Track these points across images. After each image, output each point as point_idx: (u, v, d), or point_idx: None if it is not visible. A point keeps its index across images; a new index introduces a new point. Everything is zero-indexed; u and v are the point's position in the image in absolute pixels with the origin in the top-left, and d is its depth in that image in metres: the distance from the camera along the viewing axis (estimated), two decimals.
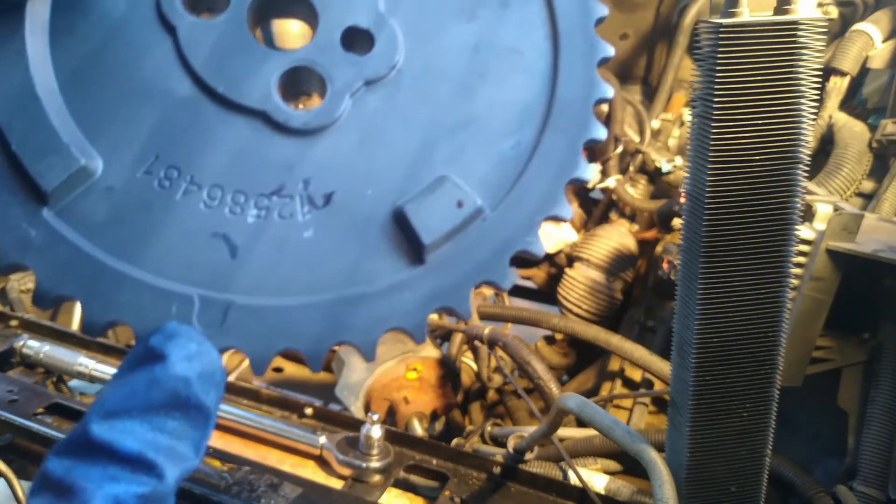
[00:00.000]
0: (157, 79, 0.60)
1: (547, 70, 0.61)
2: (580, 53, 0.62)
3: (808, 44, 0.79)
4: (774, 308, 0.91)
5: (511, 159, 0.61)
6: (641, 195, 2.53)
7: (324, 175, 0.61)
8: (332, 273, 0.61)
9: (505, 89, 0.61)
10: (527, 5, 0.61)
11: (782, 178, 0.83)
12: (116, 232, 0.60)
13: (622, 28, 2.95)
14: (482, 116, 0.61)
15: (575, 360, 2.34)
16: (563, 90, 0.61)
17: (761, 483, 1.02)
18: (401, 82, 0.61)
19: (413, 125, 0.61)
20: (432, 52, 0.61)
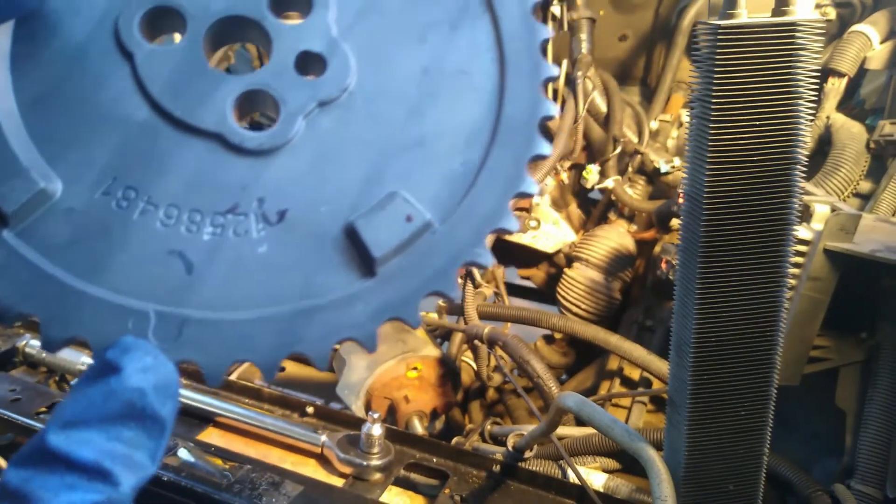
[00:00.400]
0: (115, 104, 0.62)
1: (494, 90, 0.63)
2: (525, 73, 0.63)
3: (806, 45, 0.80)
4: (772, 308, 0.91)
5: (460, 176, 0.63)
6: (640, 196, 2.54)
7: (278, 193, 0.63)
8: (285, 287, 0.63)
9: (453, 109, 0.63)
10: (475, 29, 0.64)
11: (780, 178, 0.84)
12: (75, 251, 0.62)
13: (621, 29, 2.95)
14: (432, 136, 0.63)
15: (574, 359, 2.35)
16: (510, 109, 0.63)
17: (759, 481, 1.02)
18: (353, 104, 0.63)
19: (365, 145, 0.63)
20: (384, 75, 0.63)
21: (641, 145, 2.53)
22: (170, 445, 1.27)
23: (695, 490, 1.02)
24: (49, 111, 0.63)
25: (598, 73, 2.62)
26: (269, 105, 0.64)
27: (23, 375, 1.58)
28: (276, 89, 0.62)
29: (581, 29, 2.56)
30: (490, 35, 0.64)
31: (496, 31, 0.64)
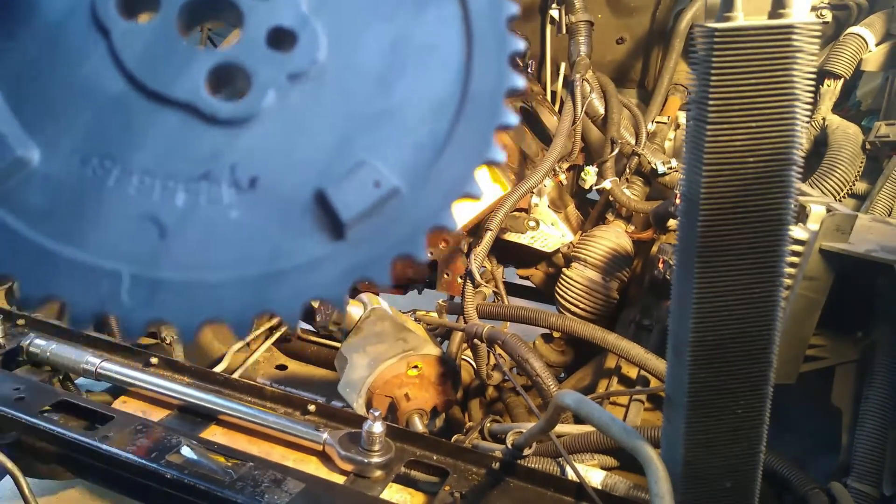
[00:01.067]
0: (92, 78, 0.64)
1: (460, 64, 0.65)
2: (492, 48, 0.65)
3: (802, 47, 0.80)
4: (768, 307, 0.92)
5: (427, 145, 0.65)
6: (637, 196, 2.54)
7: (249, 161, 0.65)
8: (256, 250, 0.65)
9: (421, 82, 0.65)
10: (442, 6, 0.65)
11: (776, 179, 0.84)
12: (51, 216, 0.64)
13: (619, 32, 2.96)
14: (399, 108, 0.65)
15: (572, 357, 2.36)
16: (476, 81, 0.65)
17: (756, 479, 1.03)
18: (322, 78, 0.65)
19: (334, 117, 0.65)
20: (352, 50, 0.65)
21: (639, 147, 2.54)
22: (173, 443, 1.29)
23: (692, 487, 1.02)
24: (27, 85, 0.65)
25: (595, 75, 2.63)
26: (241, 78, 0.66)
27: (27, 374, 1.59)
28: (247, 62, 0.64)
29: (579, 32, 2.58)
30: (457, 11, 0.65)
31: (463, 7, 0.65)
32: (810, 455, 1.54)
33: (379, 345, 1.85)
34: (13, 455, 1.26)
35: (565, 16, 2.60)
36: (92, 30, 0.64)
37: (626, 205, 2.46)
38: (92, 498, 2.56)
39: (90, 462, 1.30)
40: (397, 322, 1.92)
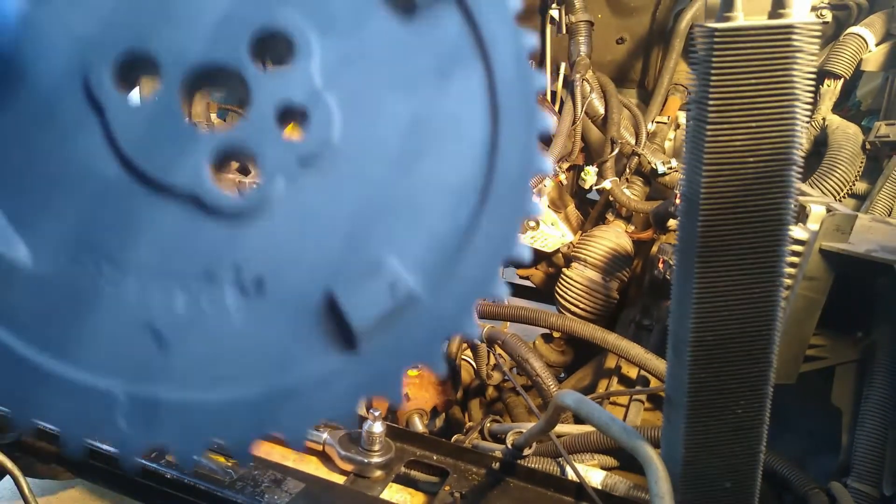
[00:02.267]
0: (85, 161, 0.57)
1: (485, 144, 0.58)
2: (519, 125, 0.58)
3: (802, 47, 0.80)
4: (768, 307, 0.92)
5: (447, 238, 0.58)
6: (637, 196, 2.54)
7: (255, 260, 0.58)
8: (261, 363, 0.58)
9: (443, 165, 0.58)
10: (467, 77, 0.58)
11: (776, 179, 0.84)
12: (42, 324, 0.57)
13: (619, 32, 2.96)
14: (419, 195, 0.58)
15: (572, 357, 2.36)
16: (502, 165, 0.58)
17: (756, 479, 1.03)
18: (336, 161, 0.57)
19: (347, 206, 0.58)
20: (369, 128, 0.58)
21: (639, 147, 2.54)
22: None
23: (692, 487, 1.02)
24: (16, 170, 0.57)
25: (595, 75, 2.63)
26: (247, 161, 0.58)
27: None
28: (254, 146, 0.57)
29: (579, 32, 2.58)
30: (482, 83, 0.58)
31: (489, 78, 0.58)
32: (810, 455, 1.54)
33: None
34: (13, 455, 1.26)
35: (565, 16, 2.60)
36: (85, 105, 0.57)
37: (626, 205, 2.46)
38: (92, 498, 2.56)
39: (90, 462, 1.30)
40: None
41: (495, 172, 0.57)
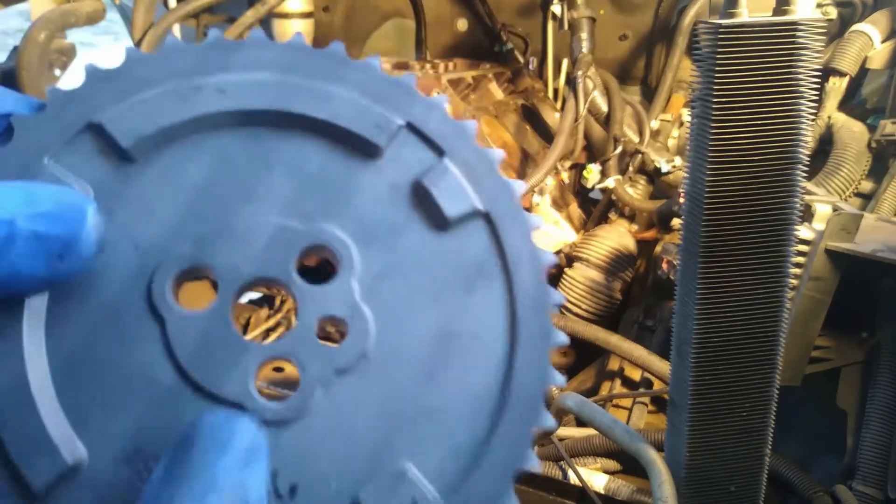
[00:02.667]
0: (144, 369, 0.60)
1: (504, 357, 0.60)
2: (536, 340, 0.60)
3: (807, 44, 0.80)
4: (773, 308, 0.91)
5: (465, 450, 0.59)
6: (641, 195, 2.54)
7: (291, 466, 0.60)
8: None
9: (465, 377, 0.60)
10: (489, 292, 0.60)
11: (781, 178, 0.84)
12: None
13: (622, 29, 2.96)
14: (442, 405, 0.60)
15: (574, 359, 2.35)
16: (518, 377, 0.60)
17: (760, 482, 1.02)
18: (368, 370, 0.60)
19: (376, 414, 0.60)
20: (399, 339, 0.60)
21: (642, 145, 2.53)
22: None
23: (696, 491, 1.02)
24: (80, 375, 0.60)
25: (598, 72, 2.62)
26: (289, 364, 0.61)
27: None
28: (298, 357, 0.60)
29: (581, 28, 2.56)
30: (503, 298, 0.60)
31: (509, 293, 0.60)
32: (815, 458, 1.53)
33: None
34: None
35: (567, 12, 2.59)
36: (146, 315, 0.60)
37: (630, 204, 2.45)
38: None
39: None
40: None
41: (511, 385, 0.59)
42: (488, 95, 2.73)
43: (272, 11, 2.84)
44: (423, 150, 0.59)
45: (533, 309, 0.60)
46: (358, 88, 0.58)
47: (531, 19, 3.06)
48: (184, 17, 2.73)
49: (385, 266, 0.60)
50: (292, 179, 0.59)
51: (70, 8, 2.45)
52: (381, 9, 3.24)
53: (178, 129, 0.58)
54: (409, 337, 0.60)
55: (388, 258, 0.60)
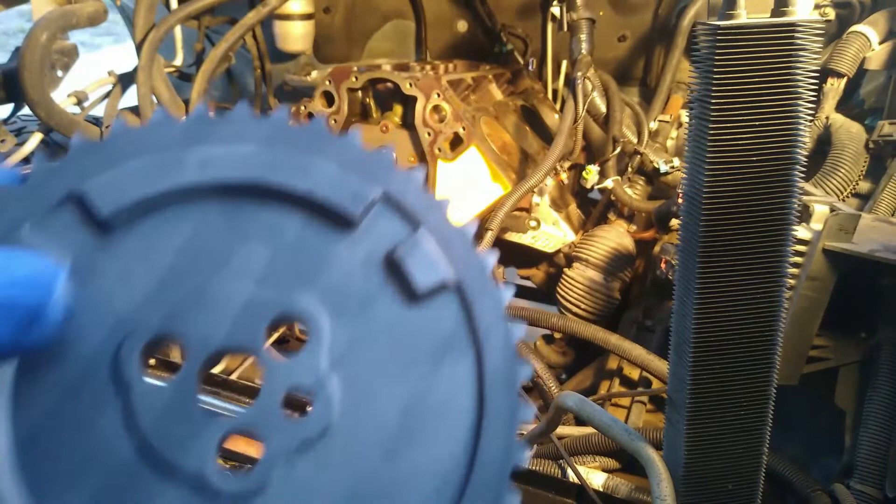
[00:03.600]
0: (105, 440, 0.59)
1: (470, 432, 0.58)
2: (503, 416, 0.58)
3: (805, 45, 0.80)
4: (771, 307, 0.91)
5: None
6: (639, 196, 2.54)
7: None
8: None
9: (428, 451, 0.58)
10: (459, 365, 0.59)
11: (779, 178, 0.84)
12: None
13: (621, 30, 2.96)
14: (404, 482, 0.58)
15: (573, 358, 2.35)
16: (484, 455, 0.58)
17: (758, 481, 1.03)
18: (332, 444, 0.58)
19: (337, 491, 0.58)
20: (366, 413, 0.59)
21: (641, 146, 2.54)
22: None
23: (694, 489, 1.02)
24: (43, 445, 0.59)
25: (597, 73, 2.62)
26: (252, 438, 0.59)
27: None
28: (262, 430, 0.58)
29: (581, 30, 2.57)
30: (472, 372, 0.59)
31: (478, 368, 0.59)
32: (813, 457, 1.54)
33: None
34: None
35: (567, 13, 2.60)
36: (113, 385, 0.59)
37: (628, 204, 2.46)
38: None
39: None
40: None
41: (476, 463, 0.58)
42: (488, 96, 2.74)
43: (273, 13, 2.84)
44: (399, 222, 0.59)
45: (502, 384, 0.59)
46: (337, 161, 0.58)
47: (531, 20, 3.06)
48: (185, 18, 2.73)
49: (355, 336, 0.59)
50: (268, 249, 0.58)
51: (71, 9, 2.45)
52: (381, 10, 3.25)
53: (158, 201, 0.58)
54: (375, 410, 0.59)
55: (359, 329, 0.59)
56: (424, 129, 2.37)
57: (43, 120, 2.49)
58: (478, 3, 3.09)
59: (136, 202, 0.57)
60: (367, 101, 2.52)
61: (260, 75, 3.25)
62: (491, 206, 2.36)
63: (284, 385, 0.58)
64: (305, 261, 0.58)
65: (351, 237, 0.58)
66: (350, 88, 2.45)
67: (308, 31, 3.11)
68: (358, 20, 3.26)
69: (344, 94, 2.45)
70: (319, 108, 2.49)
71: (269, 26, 3.08)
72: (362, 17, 3.26)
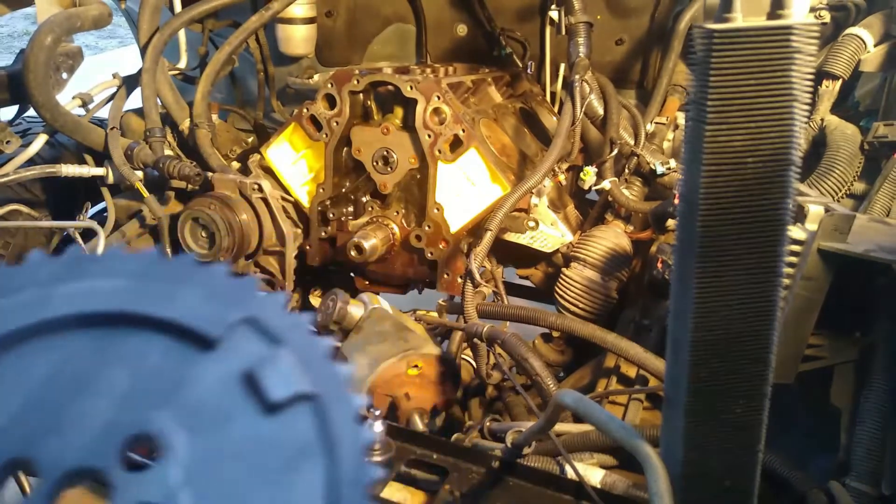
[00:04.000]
0: None
1: None
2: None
3: (801, 48, 0.80)
4: (767, 307, 0.92)
5: None
6: (636, 197, 2.55)
7: None
8: None
9: None
10: (312, 470, 0.61)
11: (775, 180, 0.85)
12: None
13: (618, 33, 2.97)
14: None
15: (572, 357, 2.36)
16: None
17: (755, 478, 1.03)
18: None
19: None
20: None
21: (638, 147, 2.55)
22: None
23: (691, 486, 1.03)
24: None
25: (595, 76, 2.63)
26: None
27: None
28: None
29: (578, 33, 2.58)
30: (324, 476, 0.60)
31: (331, 471, 0.61)
32: (809, 455, 1.55)
33: (379, 344, 1.85)
34: None
35: (564, 17, 2.61)
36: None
37: (625, 205, 2.47)
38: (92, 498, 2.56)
39: None
40: (398, 321, 1.93)
41: None
42: (487, 99, 2.75)
43: (276, 17, 2.85)
44: (258, 341, 0.61)
45: (352, 484, 0.60)
46: (202, 289, 0.61)
47: (529, 24, 3.07)
48: (189, 22, 2.74)
49: (212, 451, 0.60)
50: (130, 373, 0.60)
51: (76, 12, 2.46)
52: (382, 14, 3.25)
53: (26, 333, 0.59)
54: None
55: (216, 443, 0.60)
56: (425, 131, 2.38)
57: (48, 122, 2.50)
58: (477, 7, 3.10)
59: (4, 335, 0.59)
60: (368, 104, 2.54)
61: (263, 78, 3.26)
62: (490, 207, 2.37)
63: (133, 501, 0.58)
64: (166, 381, 0.60)
65: (212, 357, 0.60)
66: (352, 91, 2.46)
67: (310, 35, 3.12)
68: (359, 24, 3.27)
69: (346, 97, 2.46)
70: (321, 111, 2.51)
71: (272, 30, 3.09)
72: (364, 21, 3.27)
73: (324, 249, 2.68)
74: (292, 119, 2.60)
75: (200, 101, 2.72)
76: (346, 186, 2.61)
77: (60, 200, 2.84)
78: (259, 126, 3.19)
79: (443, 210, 2.45)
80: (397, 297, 2.83)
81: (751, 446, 1.01)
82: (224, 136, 3.01)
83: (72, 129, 2.57)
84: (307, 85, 3.25)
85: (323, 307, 1.95)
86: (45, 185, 2.77)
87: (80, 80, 2.75)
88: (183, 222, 2.53)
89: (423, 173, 2.46)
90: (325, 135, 2.52)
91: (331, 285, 2.79)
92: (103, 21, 2.56)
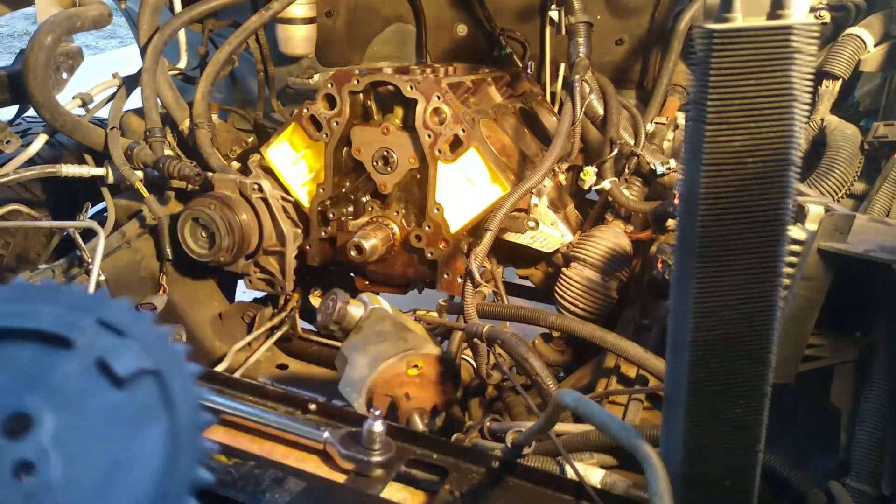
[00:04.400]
0: None
1: (162, 468, 0.76)
2: (188, 451, 0.77)
3: (801, 48, 0.80)
4: (767, 307, 0.92)
5: None
6: (636, 197, 2.55)
7: None
8: None
9: (130, 491, 0.75)
10: (155, 425, 0.78)
11: (775, 180, 0.85)
12: None
13: (618, 33, 2.98)
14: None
15: (572, 357, 2.36)
16: (170, 483, 0.75)
17: (755, 478, 1.03)
18: (52, 495, 0.74)
19: None
20: (80, 472, 0.75)
21: (638, 147, 2.55)
22: None
23: (691, 486, 1.03)
24: None
25: (595, 76, 2.63)
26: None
27: None
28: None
29: (578, 33, 2.58)
30: (166, 427, 0.77)
31: (171, 423, 0.77)
32: (809, 455, 1.55)
33: (379, 344, 1.85)
34: None
35: (564, 17, 2.61)
36: None
37: (625, 205, 2.47)
38: None
39: None
40: (398, 321, 1.93)
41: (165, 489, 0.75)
42: (487, 99, 2.75)
43: (276, 17, 2.85)
44: (109, 335, 0.79)
45: (189, 430, 0.78)
46: (63, 304, 0.80)
47: (529, 24, 3.08)
48: (189, 22, 2.74)
49: (75, 419, 0.77)
50: (8, 371, 0.77)
51: (76, 12, 2.46)
52: (382, 14, 3.26)
53: None
54: (88, 469, 0.75)
55: (78, 413, 0.77)
56: (425, 131, 2.38)
57: (48, 122, 2.50)
58: (477, 8, 3.10)
59: None
60: (368, 104, 2.54)
61: (263, 78, 3.26)
62: (490, 207, 2.37)
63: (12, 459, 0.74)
64: (37, 375, 0.77)
65: (72, 352, 0.78)
66: (352, 91, 2.46)
67: (310, 35, 3.13)
68: (359, 24, 3.27)
69: (346, 97, 2.46)
70: (321, 111, 2.51)
71: (272, 30, 3.09)
72: (364, 21, 3.27)
73: (324, 249, 2.69)
74: (292, 119, 2.60)
75: (200, 101, 2.72)
76: (346, 186, 2.61)
77: (60, 200, 2.84)
78: (259, 126, 3.19)
79: (443, 210, 2.45)
80: (397, 297, 2.83)
81: (751, 446, 1.01)
82: (224, 136, 3.01)
83: (72, 129, 2.57)
84: (307, 85, 3.26)
85: (323, 307, 1.95)
86: (45, 185, 2.78)
87: (80, 80, 2.76)
88: (183, 222, 2.53)
89: (423, 173, 2.46)
90: (325, 135, 2.53)
91: (331, 285, 2.79)
92: (103, 21, 2.56)
